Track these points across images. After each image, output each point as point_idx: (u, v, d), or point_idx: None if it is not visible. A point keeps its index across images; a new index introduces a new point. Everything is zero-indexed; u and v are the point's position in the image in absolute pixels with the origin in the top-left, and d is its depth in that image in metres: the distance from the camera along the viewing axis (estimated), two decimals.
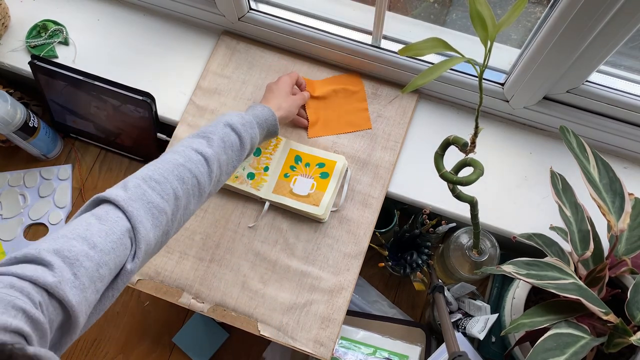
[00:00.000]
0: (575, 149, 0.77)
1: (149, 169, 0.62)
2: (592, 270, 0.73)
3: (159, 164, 0.63)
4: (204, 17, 1.02)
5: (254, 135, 0.75)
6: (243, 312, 0.85)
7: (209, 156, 0.66)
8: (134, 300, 1.07)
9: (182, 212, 0.63)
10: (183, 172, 0.63)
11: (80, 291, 0.49)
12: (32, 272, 0.47)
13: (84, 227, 0.54)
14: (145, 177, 0.60)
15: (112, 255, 0.53)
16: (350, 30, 0.97)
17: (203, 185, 0.66)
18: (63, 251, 0.50)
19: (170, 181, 0.61)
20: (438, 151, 0.70)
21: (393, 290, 1.06)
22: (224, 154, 0.69)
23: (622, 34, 0.69)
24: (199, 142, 0.68)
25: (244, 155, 0.74)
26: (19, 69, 1.03)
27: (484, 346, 0.94)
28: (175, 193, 0.61)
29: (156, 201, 0.59)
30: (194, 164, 0.65)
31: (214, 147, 0.68)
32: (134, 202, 0.57)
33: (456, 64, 0.58)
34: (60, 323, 0.49)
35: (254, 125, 0.75)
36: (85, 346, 1.06)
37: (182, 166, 0.63)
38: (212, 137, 0.69)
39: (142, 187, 0.59)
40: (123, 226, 0.56)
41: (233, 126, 0.72)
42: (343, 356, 0.91)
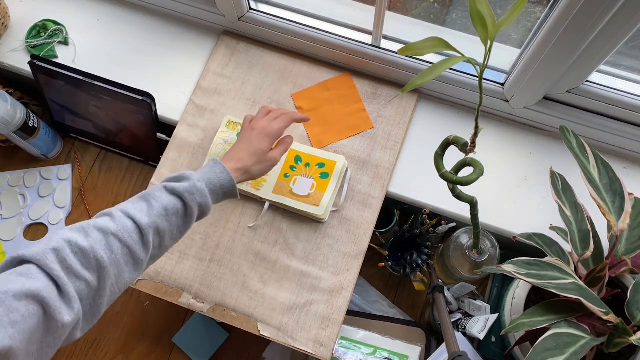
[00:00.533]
0: (575, 149, 0.77)
1: (78, 232, 0.60)
2: (592, 270, 0.73)
3: (90, 228, 0.61)
4: (204, 17, 1.02)
5: (203, 203, 0.70)
6: (243, 312, 0.85)
7: (144, 225, 0.63)
8: (134, 300, 1.07)
9: (114, 281, 0.61)
10: (112, 242, 0.61)
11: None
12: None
13: (4, 283, 0.51)
14: (72, 241, 0.58)
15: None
16: (350, 30, 0.97)
17: (137, 254, 0.63)
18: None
19: (96, 251, 0.59)
20: (438, 151, 0.70)
21: (393, 290, 1.06)
22: (165, 221, 0.66)
23: (622, 34, 0.69)
24: (139, 208, 0.65)
25: (193, 221, 0.70)
26: (19, 69, 1.03)
27: (484, 346, 0.94)
28: (99, 264, 0.59)
29: (77, 269, 0.57)
30: (127, 233, 0.62)
31: (152, 215, 0.65)
32: (54, 264, 0.55)
33: (456, 63, 0.58)
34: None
35: (205, 194, 0.70)
36: (85, 346, 1.06)
37: (113, 235, 0.61)
38: (153, 203, 0.66)
39: (66, 251, 0.57)
40: (43, 282, 0.54)
41: (180, 195, 0.68)
42: (343, 356, 0.91)
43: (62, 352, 1.05)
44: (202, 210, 0.70)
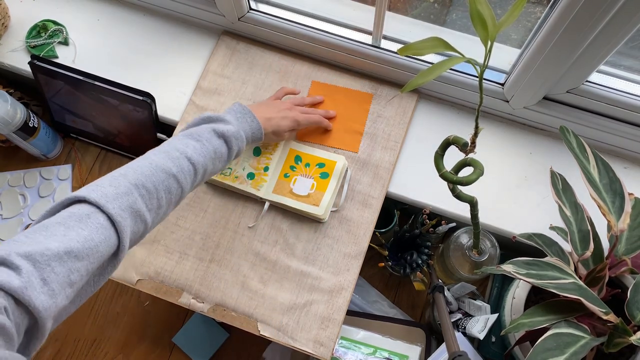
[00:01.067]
0: (575, 149, 0.77)
1: (142, 172, 0.61)
2: (592, 270, 0.73)
3: (153, 169, 0.62)
4: (204, 17, 1.02)
5: (241, 149, 0.75)
6: (243, 312, 0.85)
7: (199, 166, 0.66)
8: (134, 300, 1.07)
9: (159, 219, 0.63)
10: (172, 184, 0.63)
11: (48, 297, 0.48)
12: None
13: (63, 230, 0.52)
14: (138, 183, 0.59)
15: (86, 262, 0.52)
16: (350, 30, 0.97)
17: (185, 194, 0.66)
18: (34, 255, 0.48)
19: (159, 191, 0.61)
20: (438, 151, 0.70)
21: (393, 290, 1.06)
22: (211, 164, 0.69)
23: (622, 34, 0.69)
24: (192, 148, 0.66)
25: (226, 166, 0.74)
26: (19, 69, 1.03)
27: (484, 346, 0.94)
28: (159, 203, 0.61)
29: (142, 211, 0.59)
30: (184, 174, 0.64)
31: (206, 156, 0.67)
32: (123, 211, 0.56)
33: (456, 63, 0.58)
34: (27, 328, 0.47)
35: (243, 140, 0.74)
36: (85, 346, 1.06)
37: (174, 177, 0.63)
38: (207, 145, 0.68)
39: (134, 195, 0.58)
40: (106, 236, 0.54)
41: (228, 140, 0.71)
42: (343, 356, 0.91)
43: (62, 352, 1.05)
44: (237, 154, 0.75)
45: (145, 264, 0.88)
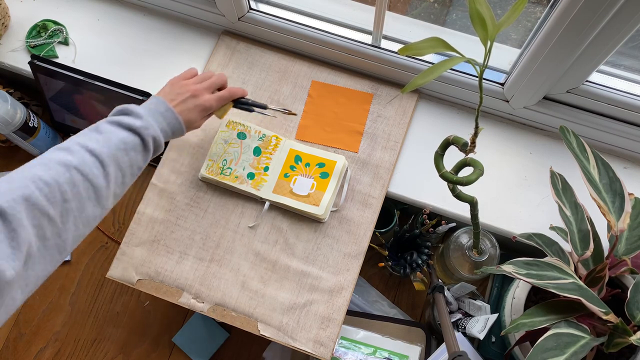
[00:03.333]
0: (575, 149, 0.77)
1: (37, 169, 0.58)
2: (592, 270, 0.73)
3: (51, 163, 0.59)
4: (204, 17, 1.02)
5: (157, 138, 0.71)
6: (243, 312, 0.85)
7: (105, 157, 0.63)
8: (134, 300, 1.07)
9: (75, 215, 0.60)
10: (75, 176, 0.60)
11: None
12: None
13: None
14: (34, 177, 0.57)
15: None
16: (350, 30, 0.97)
17: (99, 188, 0.62)
18: None
19: (61, 185, 0.58)
20: (438, 151, 0.70)
21: (393, 290, 1.06)
22: (124, 155, 0.66)
23: (622, 34, 0.69)
24: (95, 141, 0.64)
25: (150, 156, 0.71)
26: (19, 69, 1.03)
27: (484, 346, 0.94)
28: (63, 197, 0.58)
29: (42, 204, 0.56)
30: (89, 166, 0.61)
31: (111, 147, 0.64)
32: (16, 204, 0.54)
33: (456, 64, 0.58)
34: None
35: (157, 129, 0.71)
36: (85, 346, 1.06)
37: (75, 169, 0.60)
38: (110, 136, 0.65)
39: (30, 188, 0.56)
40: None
41: (137, 130, 0.68)
42: (343, 356, 0.91)
43: (62, 352, 1.05)
44: (156, 146, 0.71)
45: (145, 264, 0.88)
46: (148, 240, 0.90)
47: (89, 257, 1.11)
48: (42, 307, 1.08)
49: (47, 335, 1.06)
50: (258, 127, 0.94)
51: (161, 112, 0.73)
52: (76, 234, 0.61)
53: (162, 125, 0.72)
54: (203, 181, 0.92)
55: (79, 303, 1.08)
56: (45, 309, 1.08)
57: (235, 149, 0.92)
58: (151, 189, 0.92)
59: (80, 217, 0.61)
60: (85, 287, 1.09)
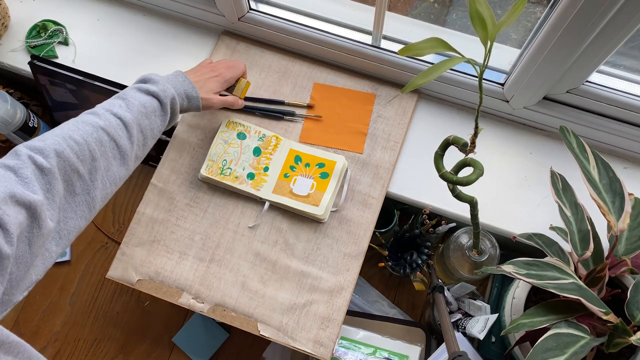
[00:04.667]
0: (575, 149, 0.77)
1: (69, 128, 0.64)
2: (592, 270, 0.73)
3: (79, 124, 0.65)
4: (203, 17, 1.02)
5: (174, 102, 0.77)
6: (243, 312, 0.85)
7: (128, 120, 0.69)
8: (134, 300, 1.07)
9: (102, 174, 0.66)
10: (102, 136, 0.66)
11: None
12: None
13: (7, 177, 0.55)
14: (66, 135, 0.62)
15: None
16: (350, 30, 0.97)
17: (124, 149, 0.68)
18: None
19: (89, 143, 0.64)
20: (438, 151, 0.70)
21: (393, 290, 1.06)
22: (145, 118, 0.72)
23: (622, 34, 0.69)
24: (118, 106, 0.70)
25: (167, 120, 0.76)
26: (19, 69, 1.03)
27: (484, 346, 0.94)
28: (92, 155, 0.64)
29: (72, 160, 0.61)
30: (114, 127, 0.67)
31: (133, 111, 0.70)
32: (51, 159, 0.59)
33: (456, 64, 0.58)
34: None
35: (173, 93, 0.77)
36: (85, 346, 1.06)
37: (102, 129, 0.66)
38: (132, 101, 0.71)
39: (62, 145, 0.61)
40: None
41: (155, 94, 0.74)
42: (343, 356, 0.91)
43: (62, 352, 1.05)
44: (173, 110, 0.77)
45: (145, 264, 0.88)
46: (148, 240, 0.90)
47: (89, 257, 1.11)
48: (42, 307, 1.08)
49: (47, 335, 1.06)
50: (258, 127, 0.94)
51: (179, 80, 0.80)
52: (104, 192, 0.66)
53: (179, 90, 0.79)
54: (203, 181, 0.92)
55: (79, 303, 1.08)
56: (45, 309, 1.08)
57: (235, 149, 0.92)
58: (151, 189, 0.92)
59: (107, 176, 0.67)
60: (85, 287, 1.09)
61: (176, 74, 0.82)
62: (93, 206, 0.65)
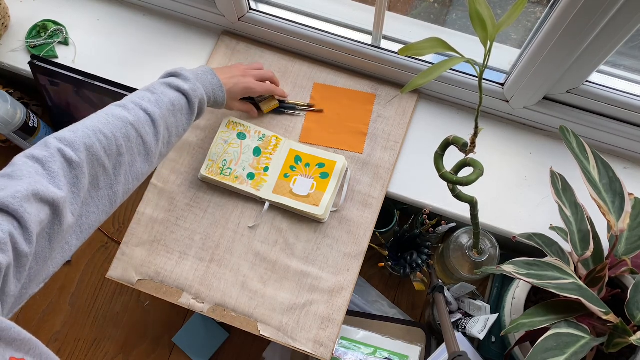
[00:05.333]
0: (575, 149, 0.77)
1: (99, 121, 0.64)
2: (592, 270, 0.73)
3: (110, 118, 0.65)
4: (204, 17, 1.02)
5: (202, 102, 0.77)
6: (243, 312, 0.85)
7: (156, 117, 0.68)
8: (134, 300, 1.07)
9: (126, 169, 0.65)
10: (130, 131, 0.65)
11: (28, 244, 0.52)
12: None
13: (33, 171, 0.55)
14: (96, 129, 0.62)
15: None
16: (350, 30, 0.97)
17: (149, 145, 0.68)
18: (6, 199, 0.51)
19: (117, 138, 0.63)
20: (438, 151, 0.70)
21: (393, 290, 1.06)
22: (172, 116, 0.71)
23: (622, 34, 0.69)
24: (147, 101, 0.69)
25: (193, 119, 0.76)
26: (19, 69, 1.03)
27: (484, 346, 0.94)
28: (119, 151, 0.63)
29: (100, 155, 0.61)
30: (142, 123, 0.67)
31: (162, 107, 0.70)
32: (81, 153, 0.59)
33: (456, 64, 0.58)
34: None
35: (202, 92, 0.77)
36: (85, 346, 1.06)
37: (131, 125, 0.65)
38: (162, 97, 0.70)
39: (91, 139, 0.61)
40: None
41: (185, 92, 0.73)
42: (343, 356, 0.91)
43: (63, 352, 1.05)
44: (200, 109, 0.77)
45: (145, 264, 0.88)
46: (148, 240, 0.90)
47: (89, 257, 1.11)
48: (42, 307, 1.08)
49: (47, 335, 1.06)
50: (258, 127, 0.94)
51: (209, 78, 0.79)
52: (126, 187, 0.66)
53: (208, 90, 0.79)
54: (203, 181, 0.92)
55: (79, 303, 1.08)
56: (45, 309, 1.08)
57: (235, 149, 0.92)
58: (151, 189, 0.92)
59: (131, 171, 0.66)
60: (85, 287, 1.09)
61: (205, 71, 0.80)
62: (115, 201, 0.64)
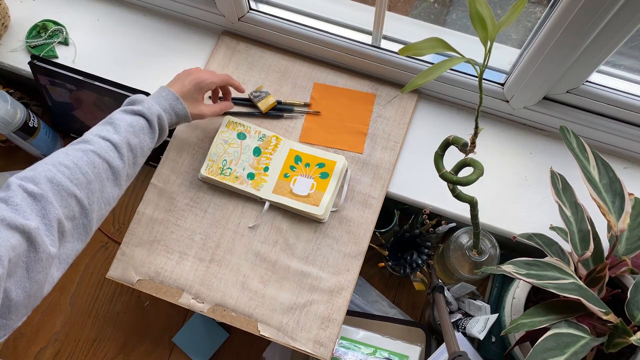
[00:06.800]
0: (575, 149, 0.77)
1: (59, 155, 0.65)
2: (592, 270, 0.73)
3: (69, 151, 0.66)
4: (204, 17, 1.02)
5: (161, 118, 0.77)
6: (243, 312, 0.85)
7: (118, 141, 0.70)
8: (134, 300, 1.07)
9: (98, 196, 0.66)
10: (94, 158, 0.66)
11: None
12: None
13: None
14: (55, 162, 0.63)
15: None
16: (350, 30, 0.97)
17: (116, 169, 0.69)
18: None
19: (81, 167, 0.64)
20: (438, 151, 0.70)
21: (393, 290, 1.06)
22: (134, 137, 0.72)
23: (622, 34, 0.69)
24: (106, 130, 0.70)
25: (156, 136, 0.77)
26: (19, 69, 1.03)
27: (484, 346, 0.94)
28: (87, 178, 0.64)
29: (65, 184, 0.61)
30: (104, 149, 0.68)
31: (121, 132, 0.71)
32: (43, 184, 0.60)
33: (456, 64, 0.58)
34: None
35: (159, 109, 0.77)
36: (85, 346, 1.06)
37: (93, 152, 0.67)
38: (119, 123, 0.72)
39: (52, 171, 0.62)
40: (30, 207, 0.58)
41: (141, 113, 0.75)
42: (343, 356, 0.91)
43: (62, 352, 1.05)
44: (161, 126, 0.77)
45: (145, 264, 0.88)
46: (148, 240, 0.90)
47: (89, 257, 1.11)
48: (42, 307, 1.08)
49: (47, 335, 1.06)
50: (258, 127, 0.94)
51: (163, 95, 0.80)
52: (99, 213, 0.67)
53: (164, 105, 0.79)
54: (203, 181, 0.92)
55: (79, 303, 1.08)
56: (45, 309, 1.08)
57: (235, 149, 0.92)
58: (151, 189, 0.92)
59: (102, 197, 0.67)
60: (85, 287, 1.09)
61: (160, 89, 0.81)
62: (90, 228, 0.65)
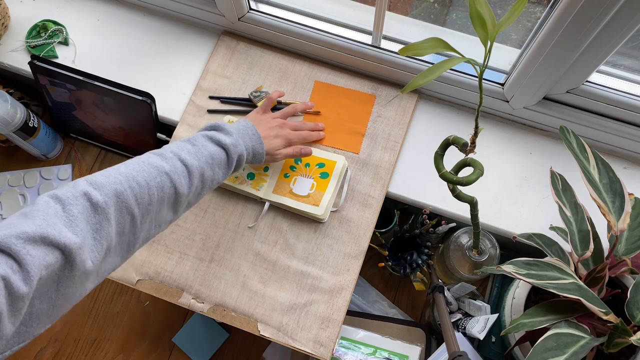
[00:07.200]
0: (575, 149, 0.77)
1: (134, 168, 0.62)
2: (592, 270, 0.73)
3: (145, 166, 0.63)
4: (203, 17, 1.02)
5: (242, 158, 0.75)
6: (243, 312, 0.85)
7: (193, 169, 0.66)
8: (134, 300, 1.07)
9: (152, 217, 0.63)
10: (164, 181, 0.63)
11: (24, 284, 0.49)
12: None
13: (51, 212, 0.53)
14: (129, 176, 0.60)
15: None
16: (350, 30, 0.97)
17: (180, 196, 0.65)
18: (8, 238, 0.49)
19: (150, 187, 0.61)
20: (438, 151, 0.70)
21: (393, 290, 1.06)
22: (209, 169, 0.69)
23: (622, 34, 0.69)
24: (186, 152, 0.68)
25: (229, 174, 0.74)
26: (19, 69, 1.03)
27: (484, 346, 0.94)
28: (150, 200, 0.61)
29: (130, 203, 0.59)
30: (177, 174, 0.64)
31: (201, 160, 0.68)
32: (110, 198, 0.57)
33: (456, 64, 0.58)
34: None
35: (243, 150, 0.75)
36: (85, 346, 1.06)
37: (166, 174, 0.63)
38: (201, 150, 0.69)
39: (123, 185, 0.59)
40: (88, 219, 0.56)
41: (225, 147, 0.72)
42: (343, 356, 0.91)
43: (62, 352, 1.05)
44: (238, 164, 0.75)
45: (145, 264, 0.88)
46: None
47: None
48: None
49: (47, 335, 1.06)
50: None
51: (249, 134, 0.78)
52: (148, 234, 0.64)
53: (248, 145, 0.77)
54: None
55: (79, 303, 1.08)
56: None
57: None
58: None
59: (155, 219, 0.64)
60: None
61: (247, 125, 0.79)
62: (134, 247, 0.62)
